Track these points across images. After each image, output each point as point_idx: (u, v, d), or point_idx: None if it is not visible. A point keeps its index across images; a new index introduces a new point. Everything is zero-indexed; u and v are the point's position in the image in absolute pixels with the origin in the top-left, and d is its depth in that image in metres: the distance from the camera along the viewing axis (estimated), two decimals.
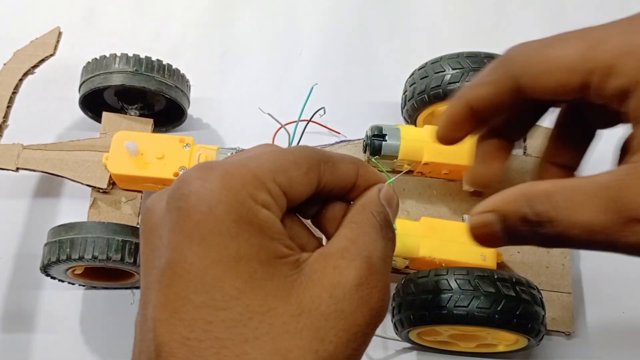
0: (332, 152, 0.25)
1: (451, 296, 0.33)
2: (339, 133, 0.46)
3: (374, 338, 0.40)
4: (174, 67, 0.42)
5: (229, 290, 0.20)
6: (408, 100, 0.41)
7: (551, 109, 0.26)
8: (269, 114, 0.42)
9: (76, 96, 0.42)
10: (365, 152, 0.40)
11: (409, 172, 0.41)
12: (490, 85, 0.24)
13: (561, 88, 0.21)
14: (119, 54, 0.40)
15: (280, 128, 0.42)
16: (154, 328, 0.20)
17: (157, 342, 0.20)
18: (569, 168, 0.26)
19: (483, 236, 0.23)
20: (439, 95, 0.39)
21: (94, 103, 0.43)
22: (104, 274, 0.39)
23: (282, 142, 0.39)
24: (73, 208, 0.43)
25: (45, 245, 0.37)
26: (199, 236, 0.20)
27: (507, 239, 0.22)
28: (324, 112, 0.41)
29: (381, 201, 0.25)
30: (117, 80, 0.40)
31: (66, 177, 0.39)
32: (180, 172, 0.38)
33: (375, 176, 0.26)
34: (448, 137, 0.26)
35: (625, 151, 0.21)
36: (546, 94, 0.22)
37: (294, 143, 0.40)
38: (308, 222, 0.26)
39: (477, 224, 0.23)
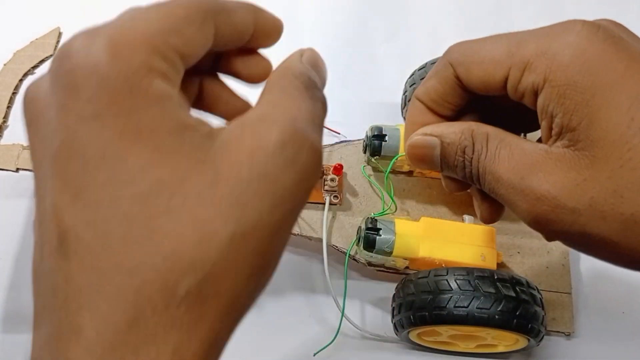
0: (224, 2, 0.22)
1: (451, 296, 0.33)
2: (339, 133, 0.46)
3: (373, 340, 0.40)
4: None
5: (134, 164, 0.18)
6: (408, 101, 0.41)
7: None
8: None
9: None
10: (365, 152, 0.40)
11: (409, 172, 0.41)
12: (434, 77, 0.26)
13: (489, 78, 0.24)
14: None
15: None
16: (54, 215, 0.18)
17: (60, 229, 0.18)
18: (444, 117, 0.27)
19: (419, 155, 0.26)
20: None
21: None
22: None
23: None
24: None
25: None
26: (92, 113, 0.18)
27: (440, 164, 0.26)
28: None
29: (304, 64, 0.24)
30: None
31: None
32: None
33: (274, 21, 0.25)
34: (416, 125, 0.27)
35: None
36: (477, 84, 0.24)
37: None
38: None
39: (418, 143, 0.26)
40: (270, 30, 0.24)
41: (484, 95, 0.25)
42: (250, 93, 0.26)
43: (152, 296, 0.18)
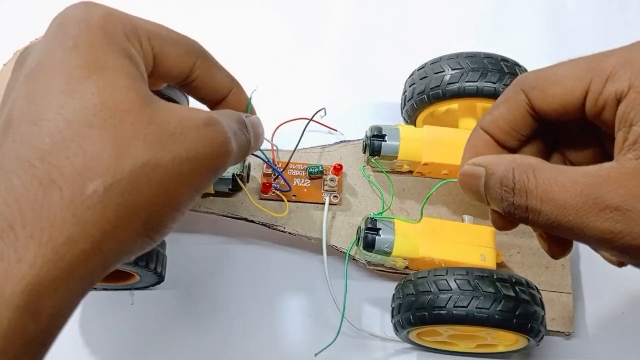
0: (215, 59, 0.29)
1: (451, 296, 0.33)
2: (336, 130, 0.46)
3: (373, 340, 0.40)
4: None
5: (89, 86, 0.22)
6: (407, 101, 0.41)
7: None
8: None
9: None
10: (364, 152, 0.40)
11: (409, 172, 0.41)
12: (502, 105, 0.25)
13: (568, 96, 0.23)
14: None
15: (279, 126, 0.42)
16: (9, 113, 0.22)
17: (9, 124, 0.22)
18: (508, 149, 0.27)
19: (467, 184, 0.26)
20: (438, 95, 0.39)
21: None
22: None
23: (281, 141, 0.39)
24: None
25: None
26: (73, 44, 0.22)
27: (484, 194, 0.25)
28: (325, 114, 0.41)
29: (244, 118, 0.29)
30: None
31: None
32: None
33: (244, 101, 0.31)
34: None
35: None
36: (554, 105, 0.24)
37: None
38: None
39: (467, 172, 0.26)
40: (241, 106, 0.31)
41: (552, 124, 0.25)
42: None
43: (61, 186, 0.20)
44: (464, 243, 0.37)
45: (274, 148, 0.39)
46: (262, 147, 0.40)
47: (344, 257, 0.38)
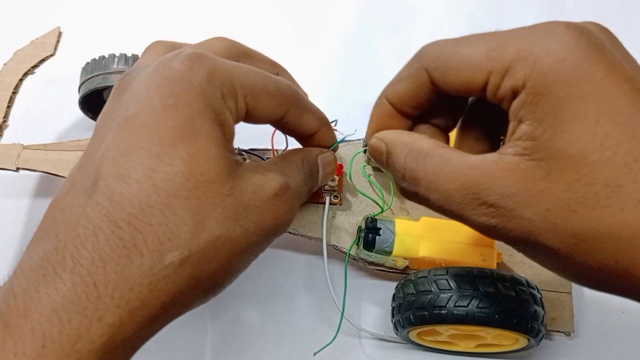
0: (307, 99, 0.30)
1: (451, 296, 0.33)
2: (337, 130, 0.46)
3: (373, 339, 0.40)
4: None
5: (180, 152, 0.22)
6: None
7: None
8: None
9: (76, 96, 0.42)
10: (365, 152, 0.40)
11: None
12: (406, 80, 0.26)
13: (467, 84, 0.23)
14: (117, 55, 0.40)
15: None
16: (101, 162, 0.22)
17: (98, 175, 0.22)
18: (442, 129, 0.28)
19: (373, 156, 0.28)
20: None
21: (94, 103, 0.43)
22: None
23: (283, 142, 0.39)
24: None
25: None
26: (173, 103, 0.23)
27: (389, 169, 0.27)
28: (336, 124, 0.41)
29: (317, 159, 0.31)
30: (116, 80, 0.40)
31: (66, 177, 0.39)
32: None
33: (330, 139, 0.32)
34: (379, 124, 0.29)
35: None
36: (454, 88, 0.24)
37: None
38: None
39: (372, 146, 0.28)
40: (325, 143, 0.32)
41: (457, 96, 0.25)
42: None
43: (142, 253, 0.21)
44: (464, 243, 0.37)
45: (274, 149, 0.39)
46: (262, 148, 0.40)
47: (344, 256, 0.38)
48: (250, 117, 0.27)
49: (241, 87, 0.25)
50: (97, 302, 0.20)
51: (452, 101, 0.26)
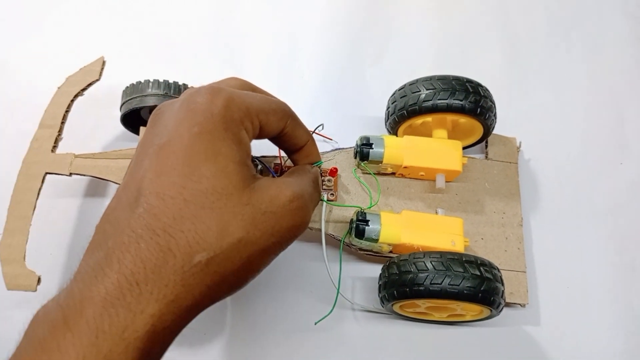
0: (299, 119, 0.30)
1: (427, 275, 0.33)
2: (332, 140, 0.46)
3: (363, 311, 0.40)
4: None
5: (205, 172, 0.23)
6: (390, 115, 0.41)
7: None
8: None
9: (118, 114, 0.42)
10: (355, 157, 0.40)
11: (392, 174, 0.41)
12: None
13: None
14: (151, 80, 0.40)
15: None
16: (141, 182, 0.23)
17: (139, 192, 0.22)
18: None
19: None
20: (416, 111, 0.39)
21: (133, 119, 0.43)
22: None
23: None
24: None
25: None
26: (198, 131, 0.23)
27: None
28: (322, 128, 0.41)
29: (315, 173, 0.31)
30: (150, 101, 0.40)
31: (111, 181, 0.39)
32: None
33: (315, 152, 0.32)
34: None
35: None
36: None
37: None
38: None
39: None
40: (312, 154, 0.32)
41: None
42: None
43: (175, 254, 0.21)
44: (437, 231, 0.37)
45: (281, 155, 0.39)
46: (269, 155, 0.40)
47: (339, 243, 0.38)
48: (262, 132, 0.27)
49: (253, 109, 0.26)
50: (139, 297, 0.20)
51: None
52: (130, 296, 0.20)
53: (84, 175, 0.39)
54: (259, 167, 0.38)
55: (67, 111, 0.41)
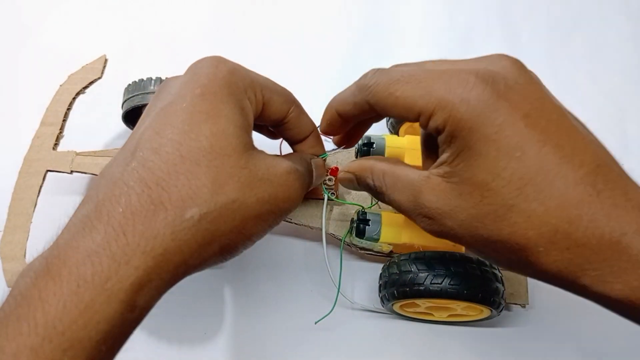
0: (302, 107, 0.30)
1: (428, 275, 0.33)
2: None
3: (363, 311, 0.40)
4: None
5: (205, 130, 0.22)
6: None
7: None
8: None
9: (119, 112, 0.42)
10: (357, 157, 0.40)
11: None
12: (352, 105, 0.27)
13: (402, 117, 0.25)
14: (153, 77, 0.40)
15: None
16: (139, 139, 0.23)
17: (137, 146, 0.22)
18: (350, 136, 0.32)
19: (344, 183, 0.30)
20: None
21: (134, 117, 0.42)
22: None
23: (289, 150, 0.39)
24: None
25: None
26: (200, 93, 0.23)
27: (358, 188, 0.29)
28: None
29: (311, 162, 0.30)
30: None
31: None
32: None
33: (318, 145, 0.32)
34: (329, 132, 0.30)
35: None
36: (391, 117, 0.27)
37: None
38: None
39: (343, 178, 0.30)
40: (316, 144, 0.32)
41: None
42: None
43: (167, 208, 0.21)
44: None
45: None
46: (272, 154, 0.40)
47: (339, 243, 0.38)
48: (266, 111, 0.27)
49: (258, 83, 0.26)
50: (125, 248, 0.20)
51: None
52: (116, 246, 0.20)
53: (85, 173, 0.39)
54: None
55: (68, 109, 0.41)
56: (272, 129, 0.31)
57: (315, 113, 0.32)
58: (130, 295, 0.20)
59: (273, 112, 0.28)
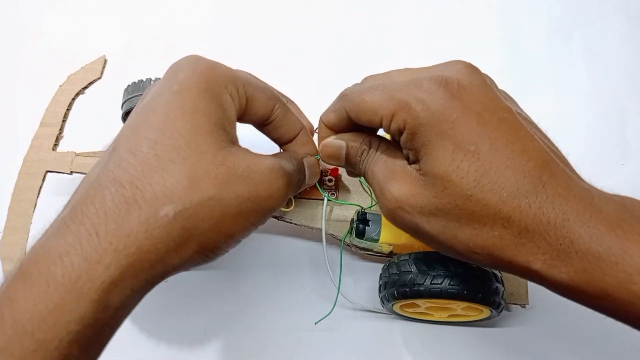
0: (288, 105, 0.30)
1: (428, 275, 0.33)
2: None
3: (363, 311, 0.40)
4: None
5: (180, 128, 0.22)
6: None
7: None
8: None
9: (119, 112, 0.42)
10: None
11: None
12: (333, 113, 0.29)
13: (370, 122, 0.26)
14: (153, 78, 0.40)
15: None
16: (118, 138, 0.23)
17: (114, 145, 0.23)
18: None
19: (330, 153, 0.29)
20: None
21: None
22: None
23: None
24: None
25: None
26: (177, 90, 0.23)
27: (344, 161, 0.29)
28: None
29: (303, 161, 0.30)
30: None
31: None
32: None
33: (310, 141, 0.31)
34: (325, 137, 0.30)
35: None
36: (364, 123, 0.27)
37: None
38: None
39: (329, 143, 0.29)
40: (306, 143, 0.31)
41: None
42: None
43: (141, 206, 0.21)
44: None
45: None
46: None
47: (339, 243, 0.38)
48: (250, 108, 0.27)
49: (240, 78, 0.26)
50: (97, 247, 0.20)
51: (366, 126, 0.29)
52: (88, 245, 0.20)
53: (85, 173, 0.39)
54: None
55: (68, 109, 0.41)
56: (260, 130, 0.31)
57: (315, 114, 0.31)
58: (102, 294, 0.20)
59: (258, 108, 0.27)
